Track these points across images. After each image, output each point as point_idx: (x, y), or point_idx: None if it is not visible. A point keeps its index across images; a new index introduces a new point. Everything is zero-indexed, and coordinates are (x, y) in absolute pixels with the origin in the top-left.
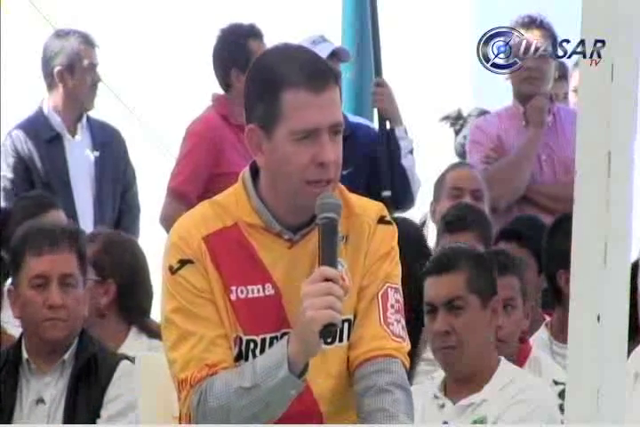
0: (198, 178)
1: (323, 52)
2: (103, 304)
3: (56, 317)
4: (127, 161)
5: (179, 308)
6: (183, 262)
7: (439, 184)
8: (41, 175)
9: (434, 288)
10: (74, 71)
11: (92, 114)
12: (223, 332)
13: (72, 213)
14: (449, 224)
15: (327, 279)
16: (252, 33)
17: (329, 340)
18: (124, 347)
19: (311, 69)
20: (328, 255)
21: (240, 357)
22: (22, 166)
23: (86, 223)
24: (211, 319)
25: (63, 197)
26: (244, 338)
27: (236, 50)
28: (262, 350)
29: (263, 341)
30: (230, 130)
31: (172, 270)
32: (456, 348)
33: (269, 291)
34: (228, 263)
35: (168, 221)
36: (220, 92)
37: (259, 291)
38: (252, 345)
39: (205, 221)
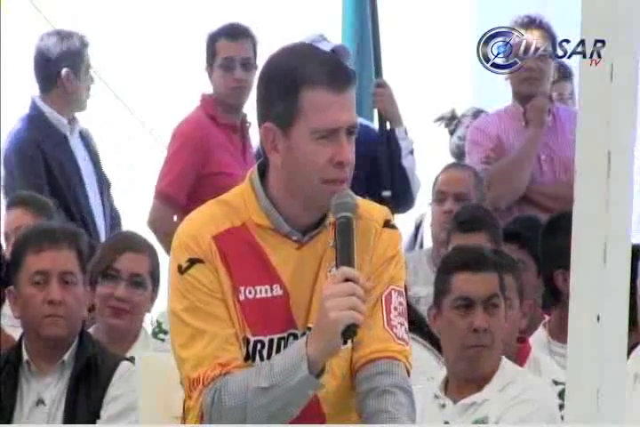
0: (186, 179)
1: None
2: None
3: (55, 313)
4: (100, 160)
5: (190, 307)
6: (193, 262)
7: (433, 186)
8: (59, 179)
9: (470, 284)
10: (78, 73)
11: (92, 113)
12: (234, 331)
13: (89, 215)
14: (463, 224)
15: (348, 280)
16: (225, 33)
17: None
18: (135, 347)
19: (332, 69)
20: (346, 255)
21: (247, 358)
22: (45, 172)
23: (99, 225)
24: (222, 318)
25: (82, 199)
26: (252, 339)
27: (206, 49)
28: (269, 351)
29: (271, 342)
30: (219, 130)
31: (181, 270)
32: (487, 346)
33: (277, 291)
34: (237, 263)
35: (155, 224)
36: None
37: (266, 291)
38: (259, 346)
39: (214, 220)
